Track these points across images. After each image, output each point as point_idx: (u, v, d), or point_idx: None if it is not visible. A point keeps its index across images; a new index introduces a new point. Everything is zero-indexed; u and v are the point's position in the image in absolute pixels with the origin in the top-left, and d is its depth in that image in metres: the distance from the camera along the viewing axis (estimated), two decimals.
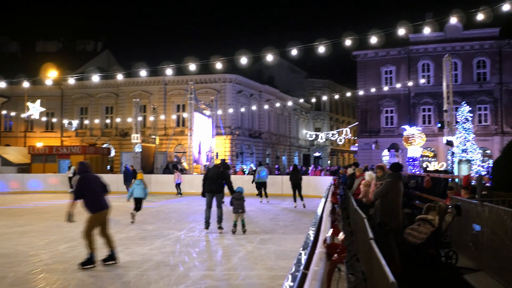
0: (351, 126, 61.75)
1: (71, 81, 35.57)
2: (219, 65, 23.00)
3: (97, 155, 35.91)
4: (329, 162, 64.74)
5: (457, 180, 15.42)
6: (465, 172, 23.06)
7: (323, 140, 65.12)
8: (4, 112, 43.94)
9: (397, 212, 8.77)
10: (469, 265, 8.81)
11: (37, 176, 30.81)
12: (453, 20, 24.46)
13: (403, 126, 35.19)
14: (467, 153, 26.29)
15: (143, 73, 25.33)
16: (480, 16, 18.24)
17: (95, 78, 31.16)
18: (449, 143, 25.20)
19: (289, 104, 52.40)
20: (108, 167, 41.66)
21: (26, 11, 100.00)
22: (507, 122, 42.48)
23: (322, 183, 24.10)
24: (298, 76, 64.29)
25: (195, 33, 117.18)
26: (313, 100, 54.00)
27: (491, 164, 18.75)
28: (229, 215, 14.18)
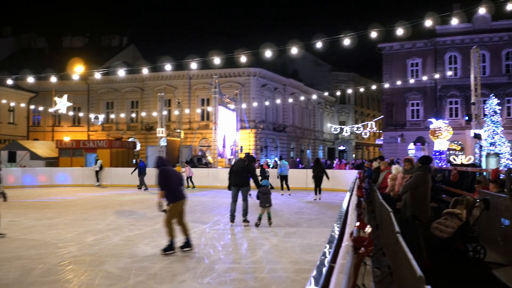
0: (376, 120, 61.27)
1: (97, 76, 36.15)
2: (243, 59, 23.04)
3: (123, 149, 36.25)
4: (354, 156, 64.29)
5: (485, 174, 15.16)
6: (494, 166, 22.64)
7: (348, 134, 64.68)
8: (33, 107, 44.75)
9: (426, 206, 8.71)
10: (498, 260, 8.65)
11: (65, 170, 31.30)
12: (482, 11, 23.92)
13: (430, 119, 34.70)
14: (495, 147, 25.78)
15: (168, 67, 25.45)
16: (510, 6, 17.86)
17: (121, 73, 31.49)
18: (477, 136, 24.82)
19: (314, 98, 52.19)
20: (134, 161, 42.07)
21: (53, 8, 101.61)
22: None
23: (347, 177, 24.03)
24: (323, 69, 63.97)
25: (220, 27, 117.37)
26: (338, 93, 53.52)
27: None
28: (254, 209, 14.22)
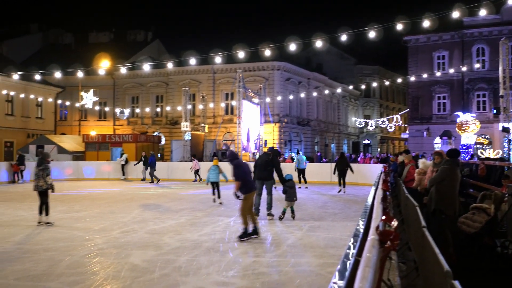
0: (402, 113, 60.53)
1: (123, 71, 36.45)
2: (267, 53, 22.94)
3: (148, 143, 36.59)
4: (379, 150, 63.68)
5: None
6: None
7: (373, 128, 64.01)
8: (60, 102, 45.36)
9: (453, 200, 8.54)
10: None
11: (91, 164, 31.76)
12: (511, 2, 23.44)
13: (456, 113, 34.24)
14: None
15: (192, 62, 25.51)
16: None
17: (146, 68, 31.70)
18: (506, 130, 24.41)
19: (338, 91, 51.75)
20: (159, 155, 42.49)
21: (79, 4, 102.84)
22: None
23: (372, 171, 23.88)
24: (347, 63, 63.40)
25: (244, 21, 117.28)
26: (363, 87, 53.01)
27: None
28: (279, 203, 14.21)
